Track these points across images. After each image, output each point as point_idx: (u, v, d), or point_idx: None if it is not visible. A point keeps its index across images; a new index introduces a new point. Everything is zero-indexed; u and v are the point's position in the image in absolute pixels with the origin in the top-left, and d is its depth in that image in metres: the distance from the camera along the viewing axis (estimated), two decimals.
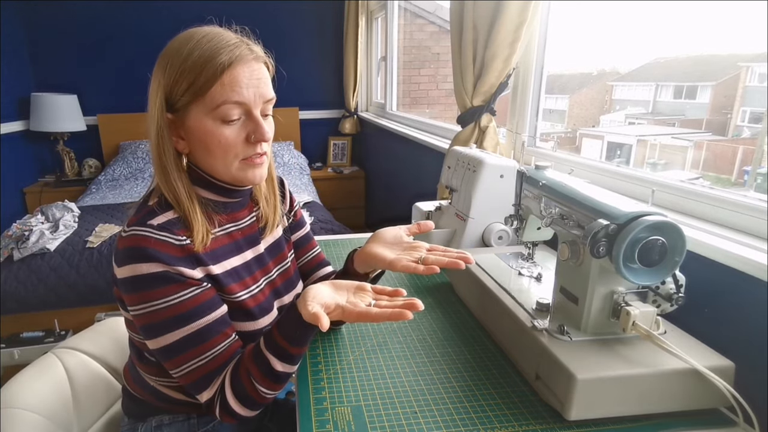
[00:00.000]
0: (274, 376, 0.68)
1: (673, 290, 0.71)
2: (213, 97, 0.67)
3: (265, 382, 0.68)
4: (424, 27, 4.35)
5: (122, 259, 0.67)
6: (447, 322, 0.98)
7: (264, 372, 0.68)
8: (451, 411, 0.71)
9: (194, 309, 0.69)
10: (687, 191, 1.00)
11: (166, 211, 0.71)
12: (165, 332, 0.68)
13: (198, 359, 0.69)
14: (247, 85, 0.68)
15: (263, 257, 0.84)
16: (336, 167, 3.85)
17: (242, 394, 0.69)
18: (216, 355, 0.70)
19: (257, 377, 0.68)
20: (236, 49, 0.68)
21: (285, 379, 0.70)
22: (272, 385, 0.69)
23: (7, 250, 2.09)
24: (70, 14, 3.33)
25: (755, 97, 1.53)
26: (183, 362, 0.69)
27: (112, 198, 2.87)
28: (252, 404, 0.70)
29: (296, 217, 0.95)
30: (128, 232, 0.68)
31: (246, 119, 0.70)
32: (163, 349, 0.69)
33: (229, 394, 0.69)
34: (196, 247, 0.71)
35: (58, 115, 3.23)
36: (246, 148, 0.71)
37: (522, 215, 0.97)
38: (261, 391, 0.69)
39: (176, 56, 0.68)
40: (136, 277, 0.66)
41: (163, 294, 0.67)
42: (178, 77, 0.68)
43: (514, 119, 1.58)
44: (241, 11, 3.48)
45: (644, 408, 0.69)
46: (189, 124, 0.70)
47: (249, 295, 0.78)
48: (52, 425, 0.84)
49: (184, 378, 0.70)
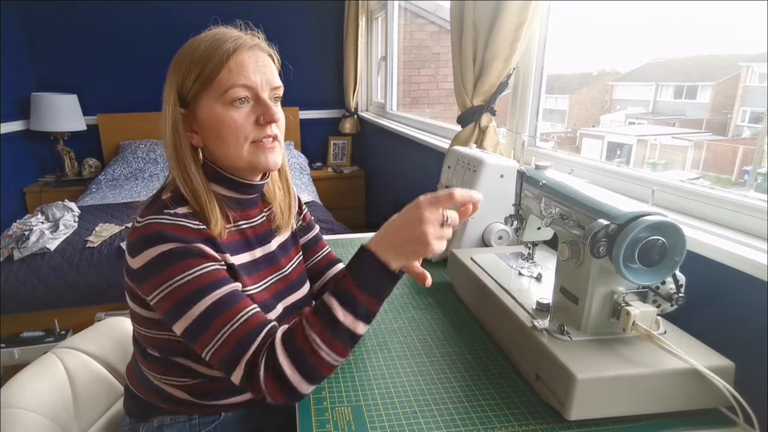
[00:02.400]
0: (334, 326, 0.62)
1: (673, 290, 0.71)
2: (221, 82, 0.69)
3: (324, 334, 0.62)
4: (424, 27, 4.36)
5: (138, 246, 0.67)
6: (447, 322, 0.98)
7: (324, 321, 0.63)
8: (451, 411, 0.71)
9: (214, 282, 0.67)
10: (687, 191, 1.00)
11: (180, 206, 0.72)
12: (190, 307, 0.66)
13: (228, 326, 0.65)
14: (254, 70, 0.71)
15: (272, 256, 0.85)
16: (336, 167, 3.85)
17: (294, 350, 0.63)
18: (246, 319, 0.66)
19: (315, 328, 0.63)
20: (241, 38, 0.71)
21: (347, 337, 0.64)
22: (332, 340, 0.63)
23: (7, 249, 2.09)
24: (70, 14, 3.33)
25: (755, 97, 1.53)
26: (214, 335, 0.65)
27: (112, 198, 2.87)
28: (304, 365, 0.63)
29: (305, 220, 0.96)
30: (142, 221, 0.69)
31: (255, 103, 0.72)
32: (191, 326, 0.66)
33: (280, 349, 0.63)
34: (215, 236, 0.72)
35: (58, 115, 3.22)
36: (256, 130, 0.72)
37: (522, 215, 0.97)
38: (316, 343, 0.62)
39: (185, 54, 0.72)
40: (155, 258, 0.66)
41: (183, 268, 0.66)
42: (188, 71, 0.70)
43: (514, 119, 1.58)
44: (241, 11, 3.47)
45: (644, 408, 0.69)
46: (200, 115, 0.72)
47: (255, 291, 0.78)
48: (52, 425, 0.84)
49: (218, 352, 0.65)
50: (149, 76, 3.45)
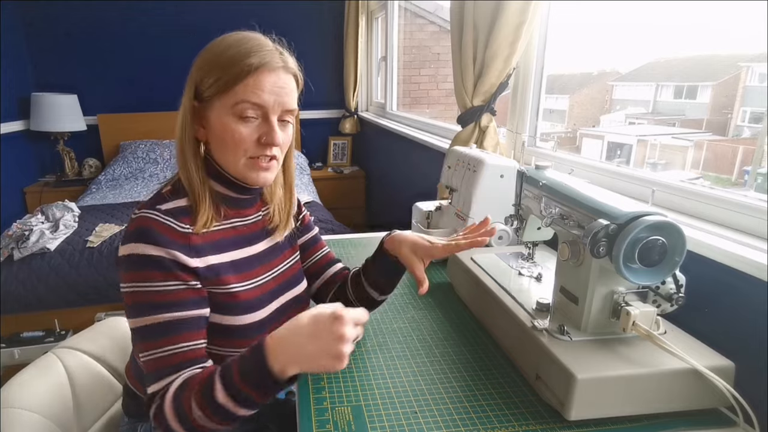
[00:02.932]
0: (213, 404, 0.61)
1: (673, 290, 0.71)
2: (235, 94, 0.70)
3: (205, 410, 0.62)
4: (424, 27, 4.36)
5: (126, 237, 0.70)
6: (447, 322, 0.98)
7: (206, 396, 0.62)
8: (451, 411, 0.71)
9: (174, 301, 0.69)
10: (687, 191, 1.00)
11: (176, 199, 0.74)
12: (141, 314, 0.68)
13: (163, 349, 0.68)
14: (270, 91, 0.71)
15: (265, 255, 0.85)
16: (336, 167, 3.85)
17: (179, 409, 0.64)
18: (179, 352, 0.68)
19: (197, 398, 0.62)
20: (268, 55, 0.71)
21: (224, 415, 0.62)
22: (208, 413, 0.62)
23: (7, 249, 2.09)
24: (70, 14, 3.33)
25: (755, 97, 1.53)
26: (148, 348, 0.68)
27: (112, 198, 2.87)
28: (187, 425, 0.63)
29: (303, 221, 0.96)
30: (137, 213, 0.71)
31: (262, 122, 0.73)
32: (136, 330, 0.69)
33: (168, 403, 0.64)
34: (197, 229, 0.73)
35: (58, 115, 3.22)
36: (256, 148, 0.74)
37: (522, 215, 0.97)
38: (195, 413, 0.62)
39: (212, 52, 0.73)
40: (132, 256, 0.68)
41: (150, 277, 0.68)
42: (209, 71, 0.71)
43: (514, 119, 1.58)
44: (242, 11, 3.47)
45: (644, 408, 0.69)
46: (210, 115, 0.73)
47: (243, 288, 0.78)
48: (52, 425, 0.84)
49: (145, 365, 0.68)
50: (149, 76, 3.46)
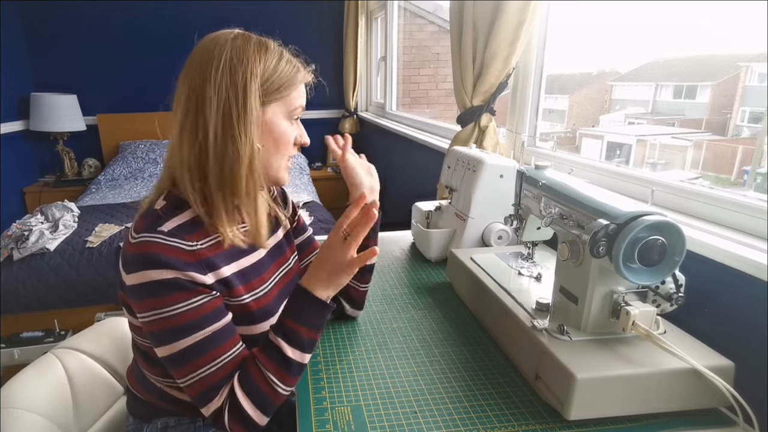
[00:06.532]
0: (285, 363, 0.69)
1: (673, 290, 0.71)
2: (292, 100, 0.75)
3: (278, 372, 0.69)
4: (423, 27, 4.36)
5: (132, 265, 0.67)
6: (447, 322, 0.98)
7: (275, 360, 0.69)
8: (451, 411, 0.71)
9: (204, 317, 0.68)
10: (687, 191, 1.00)
11: (175, 215, 0.71)
12: (174, 340, 0.67)
13: (207, 367, 0.68)
14: (304, 96, 0.79)
15: (270, 255, 0.86)
16: (336, 167, 3.84)
17: (253, 391, 0.68)
18: (225, 363, 0.69)
19: (269, 368, 0.69)
20: (305, 68, 0.79)
21: (298, 370, 0.71)
22: (285, 376, 0.69)
23: (7, 250, 2.09)
24: (69, 14, 3.33)
25: (755, 97, 1.53)
26: (192, 370, 0.68)
27: (111, 198, 2.87)
28: (264, 402, 0.69)
29: (299, 222, 0.98)
30: (137, 238, 0.68)
31: (294, 123, 0.78)
32: (172, 356, 0.68)
33: (240, 394, 0.68)
34: (225, 245, 0.73)
35: (58, 115, 3.23)
36: (292, 148, 0.78)
37: (522, 215, 0.97)
38: (273, 382, 0.68)
39: (261, 53, 0.72)
40: (146, 284, 0.66)
41: (174, 301, 0.67)
42: (271, 74, 0.72)
43: (513, 119, 1.58)
44: (242, 11, 3.48)
45: (644, 408, 0.69)
46: (265, 119, 0.73)
47: (253, 298, 0.78)
48: (52, 425, 0.84)
49: (193, 387, 0.69)
50: (149, 76, 3.45)
